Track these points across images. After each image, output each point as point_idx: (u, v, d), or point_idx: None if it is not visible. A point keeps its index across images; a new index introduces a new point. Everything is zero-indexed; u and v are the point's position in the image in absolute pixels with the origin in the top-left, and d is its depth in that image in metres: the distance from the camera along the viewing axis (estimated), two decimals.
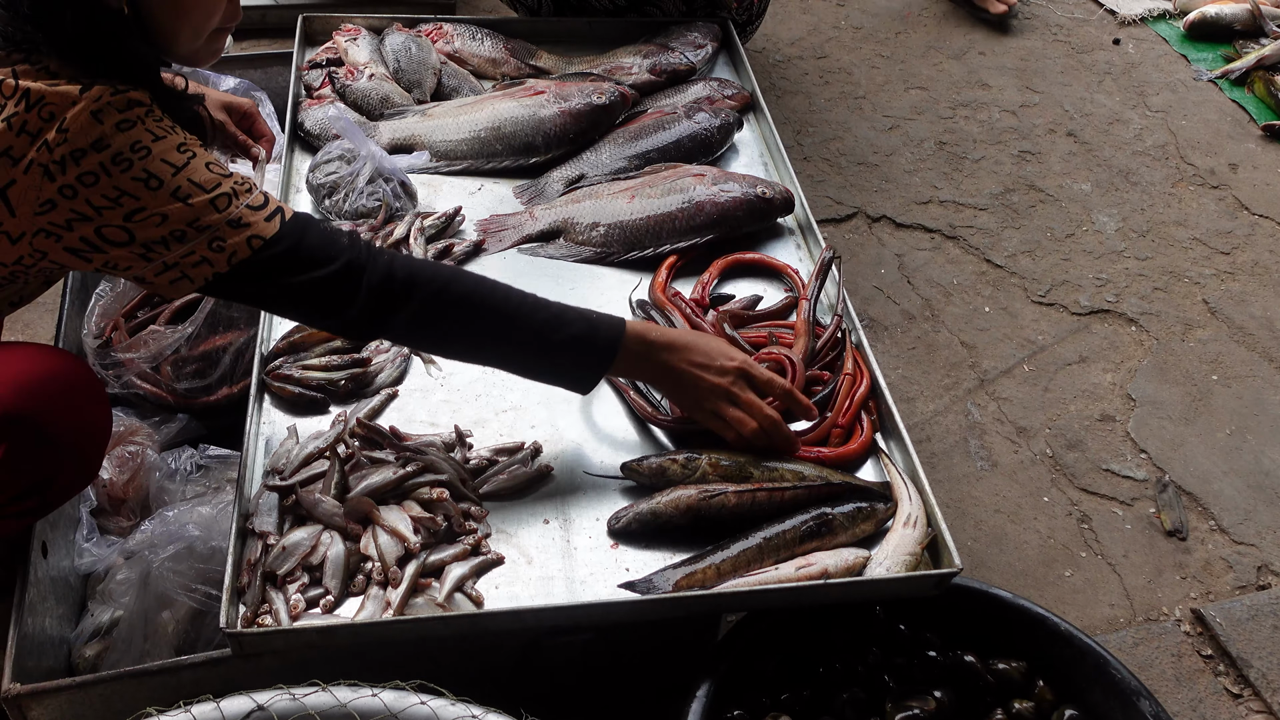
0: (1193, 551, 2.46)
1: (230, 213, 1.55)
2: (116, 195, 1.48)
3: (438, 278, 1.68)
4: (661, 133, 2.56)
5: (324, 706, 1.45)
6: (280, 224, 1.59)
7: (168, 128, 1.54)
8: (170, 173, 1.51)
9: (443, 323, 1.69)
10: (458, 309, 1.68)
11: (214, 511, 1.96)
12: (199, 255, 1.54)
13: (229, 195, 1.55)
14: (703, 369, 1.81)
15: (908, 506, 1.84)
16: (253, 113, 2.43)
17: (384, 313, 1.64)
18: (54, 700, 1.63)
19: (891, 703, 1.76)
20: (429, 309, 1.66)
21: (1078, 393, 2.81)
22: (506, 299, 1.72)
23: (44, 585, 1.85)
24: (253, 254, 1.56)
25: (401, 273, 1.64)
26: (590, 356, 1.76)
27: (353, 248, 1.63)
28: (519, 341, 1.73)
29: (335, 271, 1.60)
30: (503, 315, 1.71)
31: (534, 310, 1.73)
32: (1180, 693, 2.17)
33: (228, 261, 1.56)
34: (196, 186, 1.53)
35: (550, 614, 1.67)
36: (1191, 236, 3.36)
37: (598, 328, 1.76)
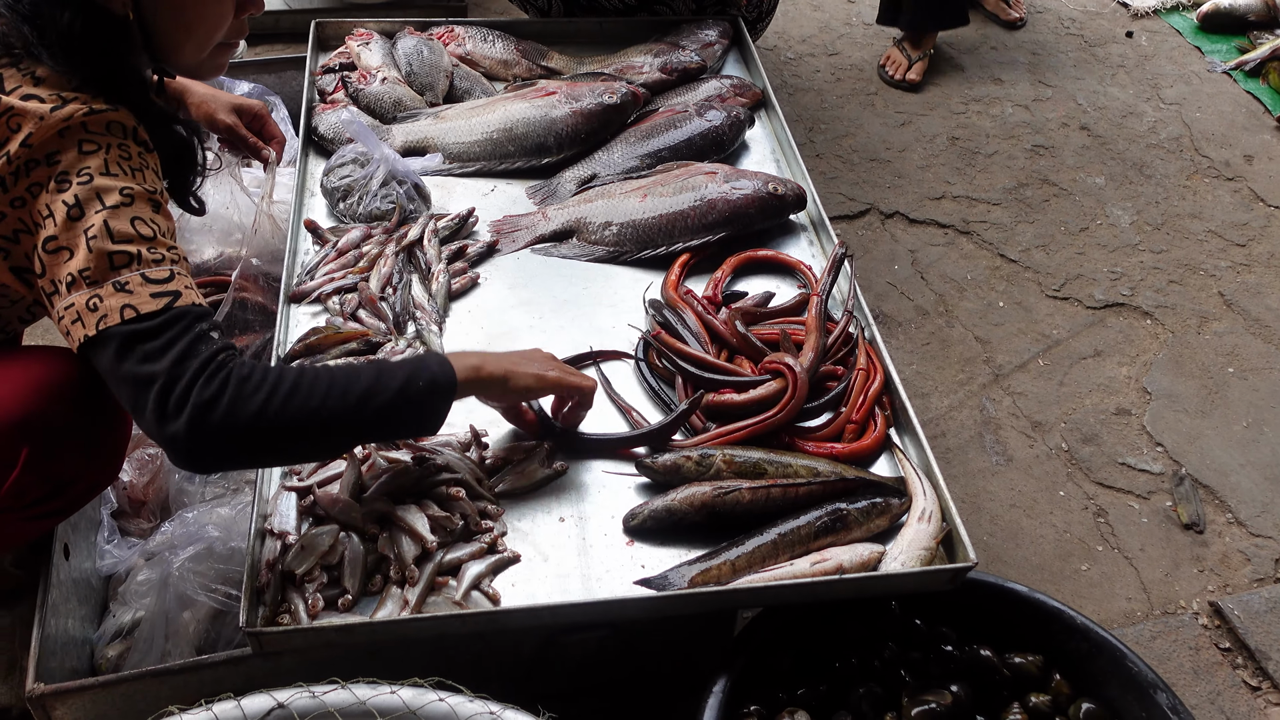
0: (1210, 544, 2.45)
1: (121, 275, 1.42)
2: (45, 215, 1.43)
3: (257, 394, 1.45)
4: (673, 131, 2.56)
5: (344, 704, 1.46)
6: (165, 306, 1.43)
7: (128, 169, 1.47)
8: (95, 208, 1.42)
9: (272, 441, 1.49)
10: (285, 421, 1.46)
11: (233, 512, 1.97)
12: (76, 311, 1.43)
13: (132, 256, 1.43)
14: (524, 361, 1.78)
15: (922, 501, 1.84)
16: (263, 114, 2.43)
17: (203, 437, 1.42)
18: (78, 700, 1.65)
19: (908, 697, 1.76)
20: (256, 433, 1.45)
21: (1093, 386, 2.81)
22: (328, 388, 1.50)
23: (66, 587, 1.87)
24: (120, 323, 1.41)
25: (228, 395, 1.42)
26: (432, 394, 1.61)
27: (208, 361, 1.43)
28: (357, 423, 1.54)
29: (171, 375, 1.40)
30: (331, 407, 1.50)
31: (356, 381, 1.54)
32: (1198, 686, 2.17)
33: (96, 325, 1.42)
34: (106, 233, 1.42)
35: (567, 611, 1.68)
36: (1207, 229, 3.35)
37: (425, 365, 1.62)
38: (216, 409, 1.41)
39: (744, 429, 1.92)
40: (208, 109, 2.30)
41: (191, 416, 1.40)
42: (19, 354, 1.71)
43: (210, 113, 2.30)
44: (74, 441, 1.65)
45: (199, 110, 2.28)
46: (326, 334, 2.03)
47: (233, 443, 1.44)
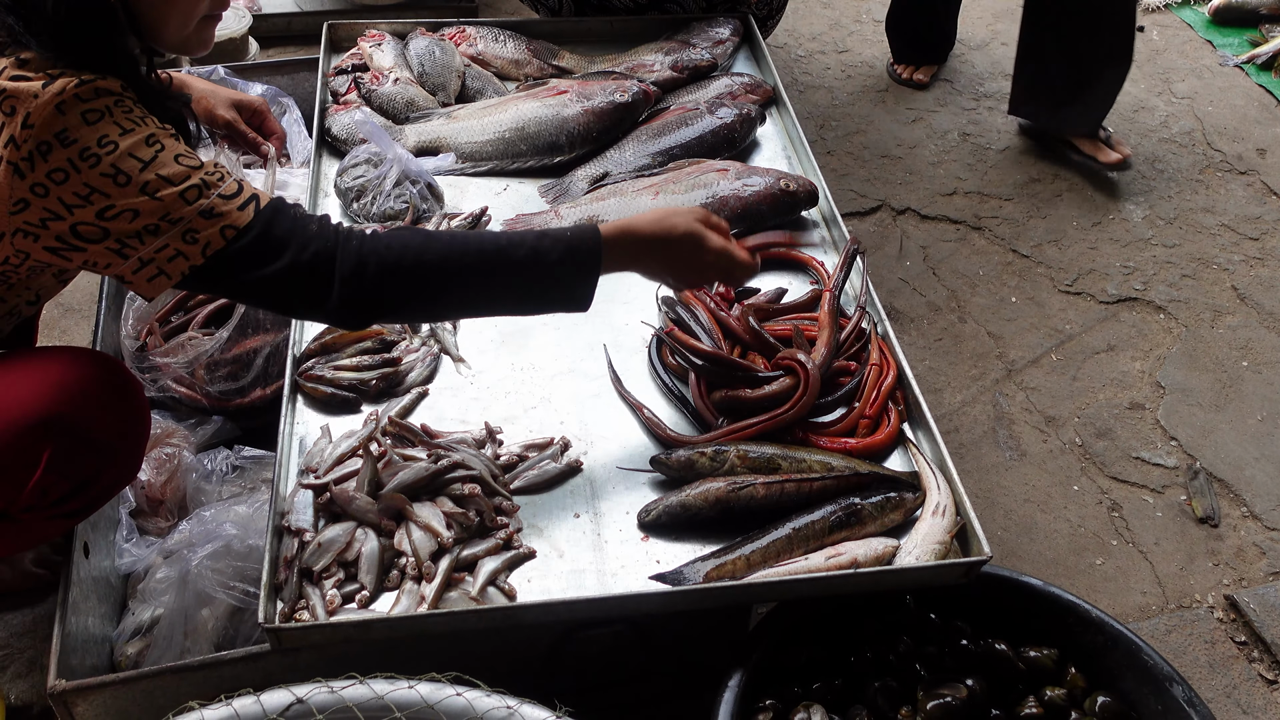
0: (1225, 538, 2.45)
1: (201, 204, 1.49)
2: (87, 193, 1.45)
3: (407, 251, 1.59)
4: (684, 129, 2.57)
5: (362, 699, 1.47)
6: (254, 211, 1.53)
7: (137, 119, 1.49)
8: (138, 168, 1.46)
9: (427, 292, 1.62)
10: (438, 276, 1.61)
11: (250, 510, 1.99)
12: (173, 249, 1.49)
13: (199, 186, 1.49)
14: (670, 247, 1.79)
15: (936, 495, 1.84)
16: (263, 110, 2.42)
17: (364, 301, 1.58)
18: (98, 696, 1.67)
19: (923, 691, 1.76)
20: (409, 286, 1.60)
21: (1106, 381, 2.81)
22: (481, 249, 1.63)
23: (86, 585, 1.89)
24: (227, 244, 1.51)
25: (372, 257, 1.56)
26: (581, 271, 1.69)
27: (320, 235, 1.55)
28: (507, 285, 1.66)
29: (305, 262, 1.53)
30: (484, 267, 1.62)
31: (512, 249, 1.64)
32: (1214, 679, 2.17)
33: (202, 254, 1.50)
34: (165, 180, 1.47)
35: (582, 606, 1.68)
36: (1220, 223, 3.34)
37: (579, 242, 1.68)
38: (366, 270, 1.55)
39: (757, 425, 1.92)
40: (207, 105, 2.30)
41: (346, 281, 1.54)
42: (40, 354, 1.73)
43: (209, 109, 2.30)
44: (95, 440, 1.67)
45: (198, 106, 2.28)
46: (341, 333, 2.04)
47: (391, 291, 1.58)
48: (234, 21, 3.48)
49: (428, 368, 2.05)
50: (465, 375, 2.06)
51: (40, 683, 2.02)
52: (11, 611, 2.12)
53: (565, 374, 2.07)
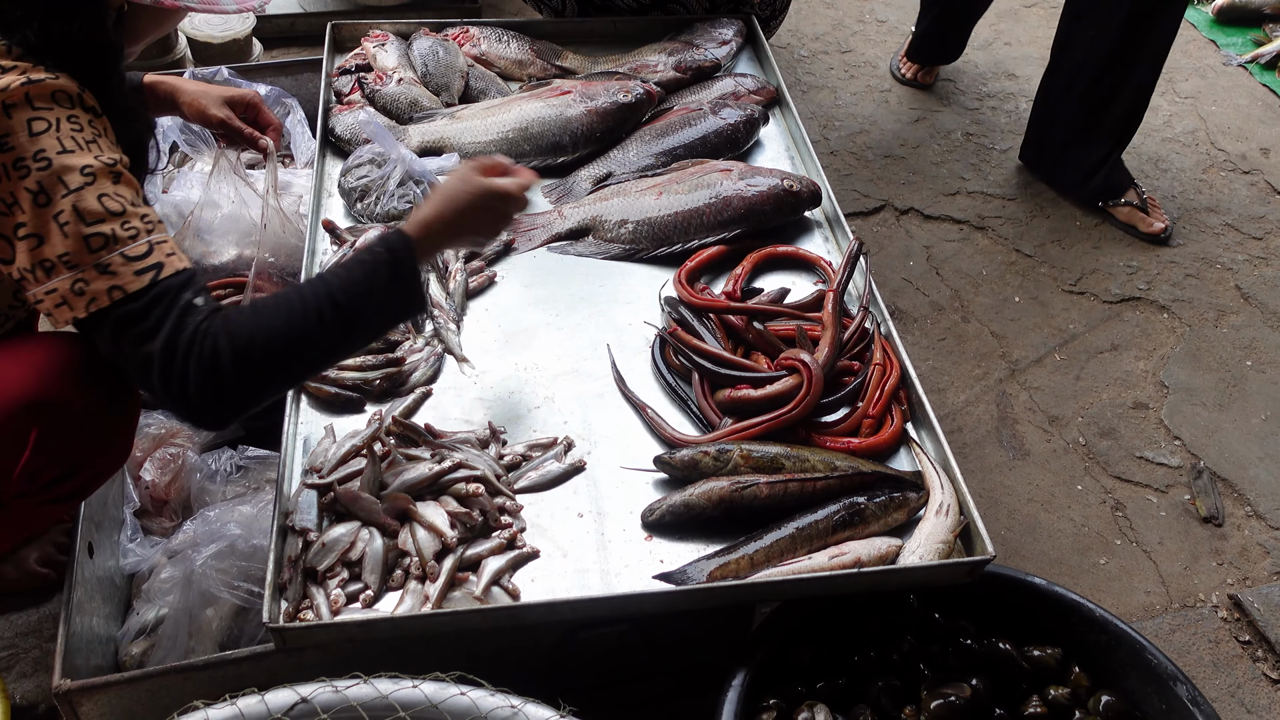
0: (1229, 538, 2.45)
1: (101, 256, 1.43)
2: (10, 202, 1.42)
3: (256, 334, 1.51)
4: (688, 129, 2.57)
5: (366, 698, 1.47)
6: (151, 281, 1.45)
7: (83, 141, 1.45)
8: (61, 193, 1.42)
9: (285, 369, 1.57)
10: (290, 350, 1.54)
11: (254, 510, 1.99)
12: (61, 295, 1.44)
13: (106, 237, 1.43)
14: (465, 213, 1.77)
15: (939, 495, 1.84)
16: (256, 103, 2.35)
17: (219, 394, 1.49)
18: (103, 695, 1.67)
19: (927, 690, 1.76)
20: (265, 369, 1.53)
21: (1110, 381, 2.81)
22: (320, 310, 1.56)
23: (91, 585, 1.89)
24: (110, 305, 1.44)
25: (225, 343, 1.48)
26: (408, 281, 1.67)
27: (185, 333, 1.46)
28: (355, 328, 1.62)
29: (170, 348, 1.46)
30: (332, 322, 1.57)
31: (347, 294, 1.59)
32: (1218, 678, 2.17)
33: (86, 308, 1.44)
34: (79, 217, 1.42)
35: (586, 605, 1.69)
36: (1223, 222, 3.34)
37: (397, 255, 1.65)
38: (221, 374, 1.47)
39: (760, 425, 1.92)
40: (199, 105, 2.25)
41: (199, 389, 1.46)
42: (25, 338, 1.71)
43: (202, 109, 2.25)
44: (83, 422, 1.65)
45: (191, 108, 2.24)
46: None
47: (244, 395, 1.52)
48: (237, 22, 3.48)
49: (431, 368, 2.05)
50: (469, 375, 2.06)
51: (45, 682, 2.02)
52: (16, 611, 2.12)
53: (569, 374, 2.08)
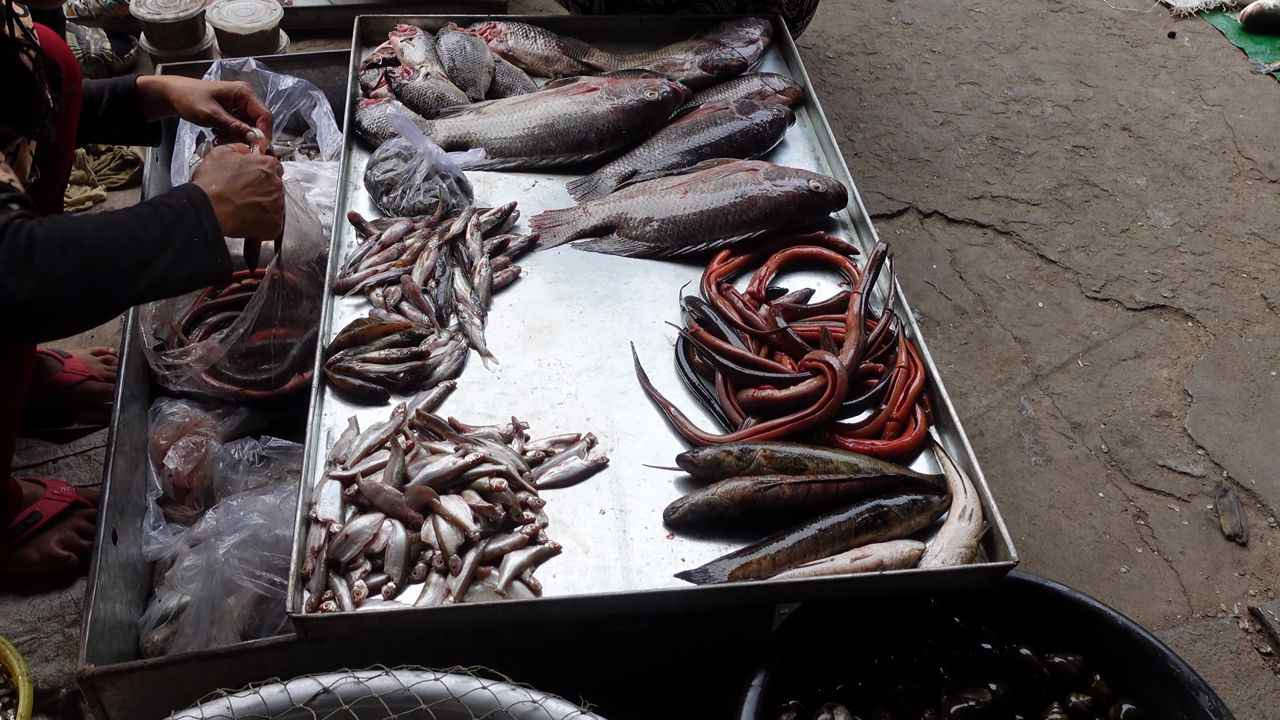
0: (1252, 549, 2.43)
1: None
2: None
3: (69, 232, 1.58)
4: (714, 128, 2.57)
5: (388, 690, 1.47)
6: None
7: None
8: None
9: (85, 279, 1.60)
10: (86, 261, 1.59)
11: (276, 500, 2.00)
12: None
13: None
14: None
15: (963, 499, 1.84)
16: (244, 94, 2.32)
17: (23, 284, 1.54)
18: (126, 681, 1.68)
19: (947, 695, 1.76)
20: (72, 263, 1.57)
21: (1133, 388, 2.79)
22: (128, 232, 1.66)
23: (114, 571, 1.90)
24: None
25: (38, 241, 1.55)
26: (203, 238, 1.74)
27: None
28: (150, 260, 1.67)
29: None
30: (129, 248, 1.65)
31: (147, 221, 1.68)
32: (1239, 689, 2.15)
33: None
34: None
35: (607, 602, 1.69)
36: (1250, 231, 3.32)
37: (196, 210, 1.75)
38: (32, 258, 1.53)
39: (783, 425, 1.92)
40: (187, 102, 2.24)
41: (7, 273, 1.51)
42: None
43: (190, 105, 2.24)
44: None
45: (180, 105, 2.24)
46: (370, 325, 2.05)
47: (51, 288, 1.55)
48: (265, 14, 3.49)
49: (455, 361, 2.05)
50: (492, 370, 2.06)
51: (67, 667, 2.04)
52: (39, 596, 2.14)
53: (592, 370, 2.08)
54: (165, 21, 3.39)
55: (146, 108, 2.25)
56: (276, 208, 1.96)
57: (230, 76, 2.78)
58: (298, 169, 2.69)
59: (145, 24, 3.41)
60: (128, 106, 2.24)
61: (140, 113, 2.26)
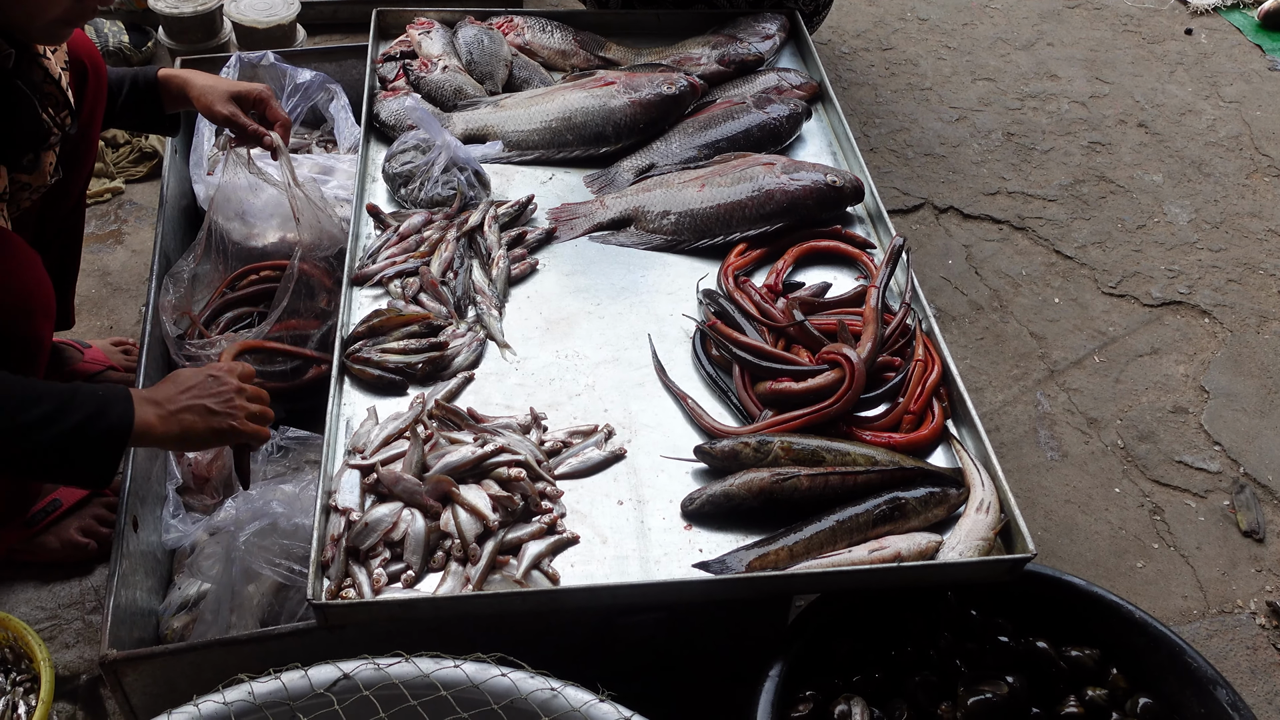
0: (1269, 544, 2.43)
1: None
2: None
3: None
4: (731, 122, 2.57)
5: (407, 676, 1.48)
6: None
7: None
8: None
9: None
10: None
11: (296, 489, 2.00)
12: None
13: None
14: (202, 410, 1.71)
15: (980, 492, 1.84)
16: (265, 97, 2.31)
17: None
18: (148, 666, 1.69)
19: (964, 687, 1.76)
20: None
21: (1150, 384, 2.79)
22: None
23: (134, 559, 1.91)
24: None
25: None
26: (87, 442, 1.58)
27: None
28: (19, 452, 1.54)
29: None
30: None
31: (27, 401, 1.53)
32: (1255, 685, 2.15)
33: None
34: None
35: (625, 592, 1.69)
36: (1267, 228, 3.31)
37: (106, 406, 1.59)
38: None
39: (801, 418, 1.92)
40: (206, 100, 2.24)
41: None
42: None
43: (209, 104, 2.24)
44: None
45: (199, 103, 2.24)
46: (389, 316, 2.06)
47: None
48: (282, 8, 3.50)
49: (474, 352, 2.06)
50: (510, 361, 2.07)
51: (87, 653, 2.05)
52: (60, 583, 2.15)
53: (609, 362, 2.08)
54: (183, 15, 3.40)
55: (166, 100, 2.26)
56: (230, 410, 1.73)
57: (248, 70, 2.79)
58: (315, 162, 2.70)
59: (163, 18, 3.43)
60: (148, 97, 2.25)
61: (159, 104, 2.26)
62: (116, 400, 1.61)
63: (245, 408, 1.75)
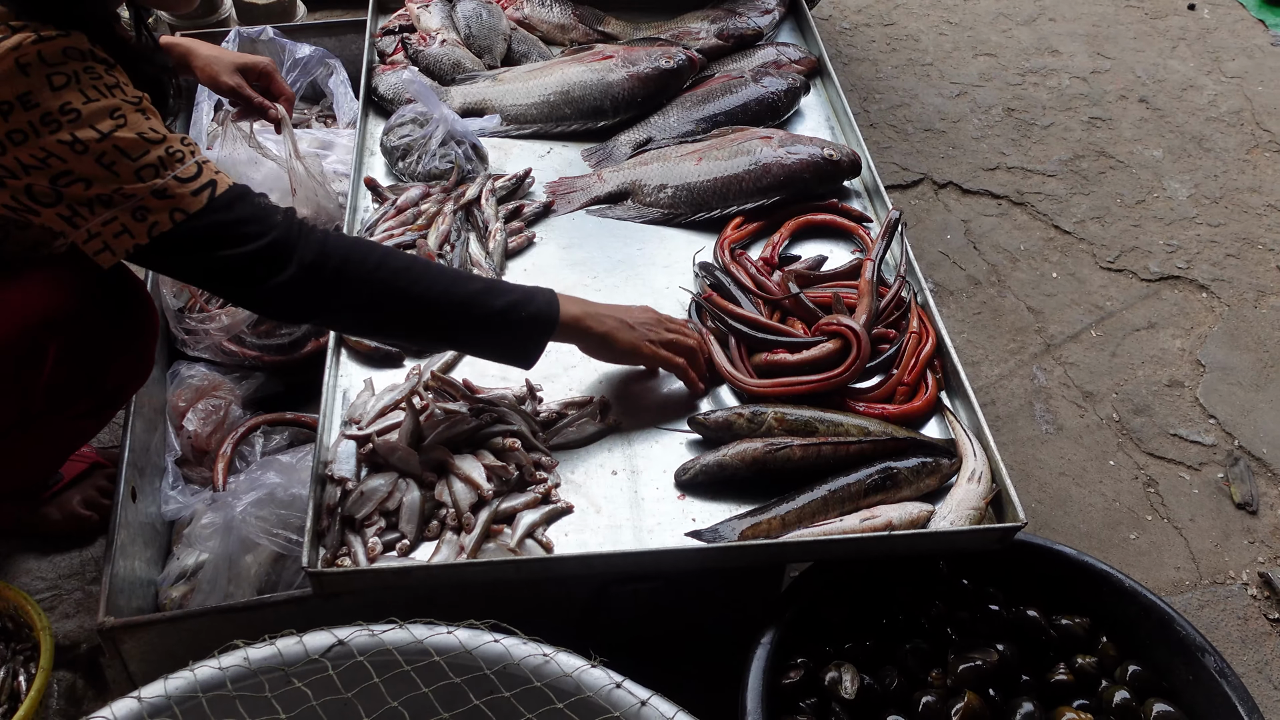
0: (1261, 517, 2.44)
1: (155, 183, 1.48)
2: (44, 156, 1.44)
3: (371, 256, 1.62)
4: (728, 96, 2.57)
5: (401, 643, 1.49)
6: (209, 198, 1.52)
7: (104, 88, 1.47)
8: (96, 138, 1.44)
9: (378, 305, 1.64)
10: (394, 294, 1.63)
11: (293, 460, 2.02)
12: (120, 224, 1.49)
13: (155, 165, 1.48)
14: (625, 325, 1.87)
15: (972, 462, 1.85)
16: (269, 71, 2.35)
17: (316, 291, 1.59)
18: (146, 634, 1.71)
19: (954, 654, 1.77)
20: (363, 291, 1.61)
21: (1146, 358, 2.79)
22: (446, 290, 1.67)
23: (133, 529, 1.93)
24: (174, 227, 1.50)
25: (337, 251, 1.59)
26: (531, 327, 1.75)
27: (284, 225, 1.57)
28: (456, 319, 1.69)
29: (262, 248, 1.54)
30: (438, 293, 1.66)
31: (468, 284, 1.70)
32: (1246, 655, 2.17)
33: (148, 233, 1.50)
34: (122, 154, 1.46)
35: (618, 560, 1.71)
36: (1266, 203, 3.30)
37: (534, 297, 1.75)
38: (328, 262, 1.57)
39: (806, 385, 1.92)
40: (211, 71, 2.26)
41: (306, 268, 1.55)
42: (35, 266, 1.72)
43: (214, 75, 2.26)
44: (99, 335, 1.70)
45: (203, 73, 2.26)
46: None
47: (337, 294, 1.60)
48: None
49: None
50: None
51: (87, 623, 2.07)
52: (60, 554, 2.17)
53: None
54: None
55: None
56: (649, 333, 1.90)
57: (247, 45, 2.79)
58: (314, 137, 2.71)
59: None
60: None
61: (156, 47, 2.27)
62: (541, 292, 1.78)
63: (663, 336, 1.90)
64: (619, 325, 1.85)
